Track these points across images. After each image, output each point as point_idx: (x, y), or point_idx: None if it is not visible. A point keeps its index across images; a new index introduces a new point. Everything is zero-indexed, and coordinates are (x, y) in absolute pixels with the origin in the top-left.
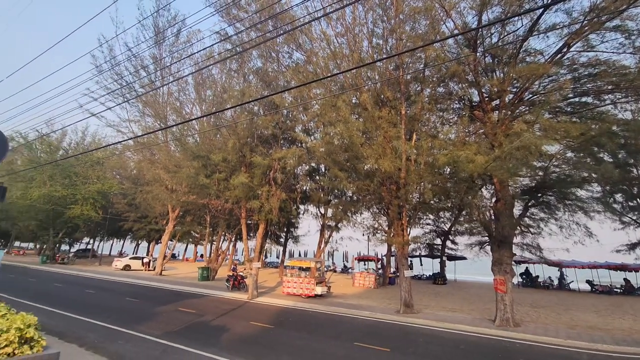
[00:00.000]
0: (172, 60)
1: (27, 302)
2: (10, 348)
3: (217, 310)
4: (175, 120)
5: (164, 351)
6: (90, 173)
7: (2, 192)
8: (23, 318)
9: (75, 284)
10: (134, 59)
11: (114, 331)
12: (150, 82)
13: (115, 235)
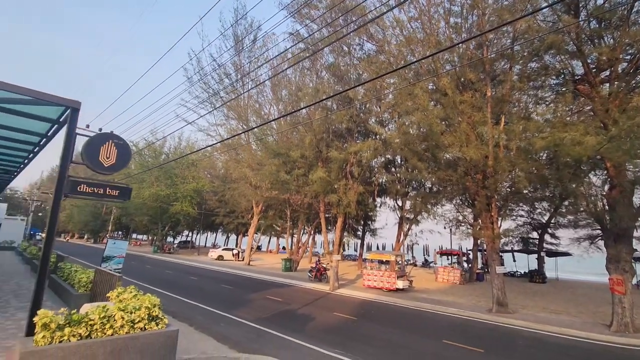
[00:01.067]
0: (251, 64)
1: (146, 285)
2: (142, 323)
3: (301, 299)
4: (255, 120)
5: (259, 335)
6: (187, 174)
7: (129, 192)
8: (149, 299)
9: (181, 271)
10: (218, 67)
11: (215, 314)
12: (233, 87)
13: (209, 229)
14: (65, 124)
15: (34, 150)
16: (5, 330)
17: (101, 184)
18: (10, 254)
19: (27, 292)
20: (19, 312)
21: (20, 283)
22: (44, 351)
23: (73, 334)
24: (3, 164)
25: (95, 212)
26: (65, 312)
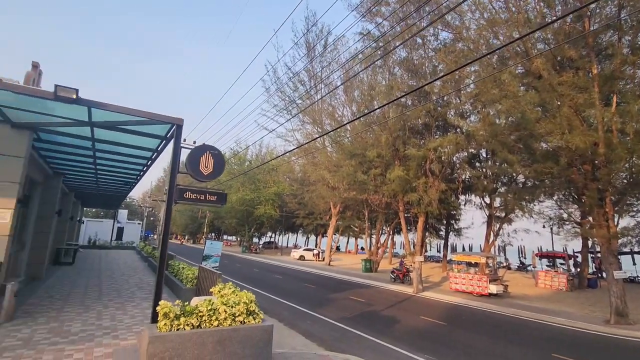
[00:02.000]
0: (323, 69)
1: (238, 282)
2: (241, 317)
3: (384, 301)
4: (330, 123)
5: (343, 335)
6: (268, 178)
7: (225, 197)
8: (246, 295)
9: (267, 270)
10: (293, 75)
11: (301, 311)
12: (307, 93)
13: (290, 230)
14: (171, 139)
15: (147, 164)
16: (134, 317)
17: (202, 190)
18: (132, 253)
19: (147, 285)
20: (143, 302)
21: (142, 277)
22: (166, 336)
23: (187, 323)
24: (124, 176)
25: (192, 216)
26: (180, 304)
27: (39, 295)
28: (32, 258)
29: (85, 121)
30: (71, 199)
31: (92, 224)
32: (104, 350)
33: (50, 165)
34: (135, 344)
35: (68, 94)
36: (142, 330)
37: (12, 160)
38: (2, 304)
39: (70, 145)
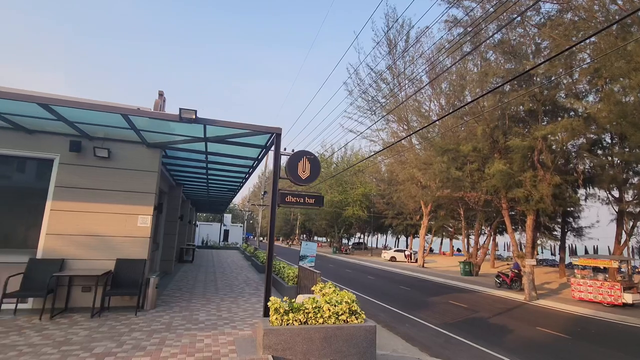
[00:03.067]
0: (406, 64)
1: (334, 283)
2: (344, 316)
3: (490, 307)
4: (417, 120)
5: (447, 341)
6: (355, 180)
7: (322, 200)
8: (347, 295)
9: (358, 271)
10: (375, 75)
11: (397, 314)
12: (390, 90)
13: (379, 231)
14: (271, 147)
15: (249, 172)
16: (246, 310)
17: (301, 194)
18: (236, 252)
19: (252, 282)
20: (252, 297)
21: (248, 275)
22: (278, 330)
23: (295, 319)
24: (230, 184)
25: (285, 218)
26: (287, 300)
27: (171, 288)
28: (164, 256)
29: (201, 137)
30: (188, 205)
31: (204, 226)
32: (226, 338)
33: (174, 177)
34: (251, 335)
35: (189, 114)
36: (257, 322)
37: (149, 175)
38: (148, 294)
39: (188, 159)
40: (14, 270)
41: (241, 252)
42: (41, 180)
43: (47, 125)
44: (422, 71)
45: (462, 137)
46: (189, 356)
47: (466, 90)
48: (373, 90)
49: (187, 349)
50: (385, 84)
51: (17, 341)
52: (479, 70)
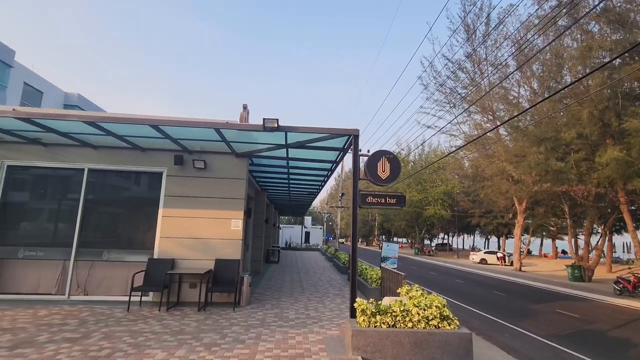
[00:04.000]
0: (487, 49)
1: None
2: (435, 321)
3: (609, 318)
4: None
5: (557, 355)
6: (435, 177)
7: (404, 199)
8: (437, 299)
9: (444, 273)
10: (453, 65)
11: (493, 322)
12: (471, 80)
13: (465, 231)
14: (348, 149)
15: (327, 174)
16: (332, 310)
17: (382, 194)
18: (317, 253)
19: (335, 282)
20: (337, 298)
21: (330, 276)
22: (366, 331)
23: (383, 322)
24: (310, 187)
25: (364, 219)
26: (374, 302)
27: (261, 287)
28: (253, 257)
29: (282, 144)
30: (272, 209)
31: (286, 229)
32: (316, 337)
33: (259, 183)
34: (339, 335)
35: (272, 124)
36: (344, 323)
37: (238, 182)
38: (243, 292)
39: (270, 166)
40: (138, 268)
41: (322, 253)
42: (154, 190)
43: (156, 143)
44: (507, 55)
45: (562, 123)
46: (283, 352)
47: (564, 69)
48: (451, 81)
49: (280, 344)
50: (464, 74)
51: (143, 328)
52: (579, 46)
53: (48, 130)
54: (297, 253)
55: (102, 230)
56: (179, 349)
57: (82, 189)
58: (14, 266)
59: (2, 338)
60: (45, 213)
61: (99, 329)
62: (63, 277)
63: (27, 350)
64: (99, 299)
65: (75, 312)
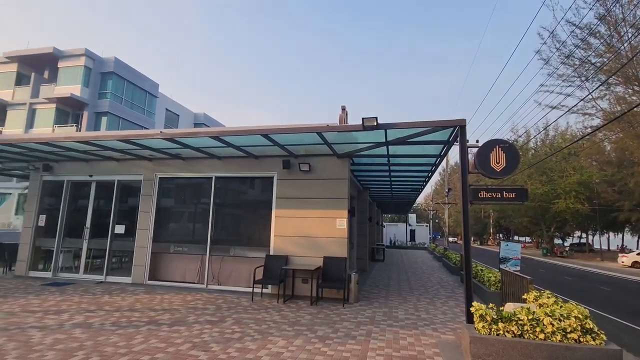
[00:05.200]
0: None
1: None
2: (575, 334)
3: None
4: None
5: None
6: (565, 165)
7: (525, 193)
8: (577, 308)
9: (583, 279)
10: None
11: None
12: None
13: (610, 228)
14: (454, 142)
15: (431, 169)
16: (445, 313)
17: (497, 188)
18: (424, 252)
19: (446, 284)
20: (449, 300)
21: (440, 276)
22: (487, 339)
23: (507, 330)
24: (413, 184)
25: (475, 216)
26: (494, 308)
27: (368, 285)
28: (359, 255)
29: (382, 142)
30: (374, 207)
31: (390, 227)
32: (429, 340)
33: (360, 182)
34: (454, 340)
35: (371, 122)
36: (460, 328)
37: (341, 182)
38: (351, 289)
39: (371, 164)
40: (258, 263)
41: (429, 252)
42: (267, 193)
43: (267, 151)
44: None
45: None
46: (395, 352)
47: None
48: (580, 51)
49: (392, 344)
50: (597, 39)
51: (265, 317)
52: None
53: (185, 146)
54: (402, 252)
55: (227, 229)
56: (297, 339)
57: (211, 194)
58: (167, 259)
59: (164, 317)
60: (186, 215)
61: (230, 314)
62: (202, 269)
63: (181, 328)
64: (228, 289)
65: (212, 299)
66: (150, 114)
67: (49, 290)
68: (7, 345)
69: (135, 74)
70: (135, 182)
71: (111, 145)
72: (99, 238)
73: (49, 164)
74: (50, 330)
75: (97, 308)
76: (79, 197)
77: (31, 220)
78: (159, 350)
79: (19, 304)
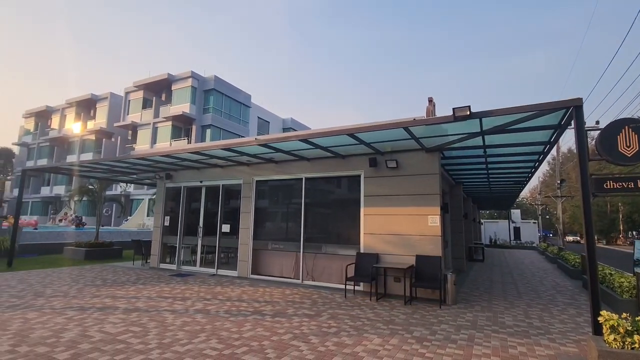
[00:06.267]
0: None
1: None
2: None
3: None
4: None
5: None
6: None
7: None
8: None
9: None
10: None
11: None
12: None
13: None
14: (567, 125)
15: (538, 159)
16: (563, 322)
17: (630, 177)
18: (533, 252)
19: (564, 289)
20: (569, 308)
21: (556, 280)
22: (619, 354)
23: None
24: (515, 176)
25: (598, 210)
26: (629, 318)
27: (467, 286)
28: (454, 254)
29: (476, 132)
30: (469, 203)
31: (488, 224)
32: (545, 351)
33: (452, 177)
34: (577, 353)
35: (463, 112)
36: (586, 340)
37: (431, 177)
38: (448, 290)
39: (464, 157)
40: (349, 261)
41: (540, 252)
42: (354, 192)
43: (352, 150)
44: None
45: None
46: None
47: None
48: None
49: (499, 352)
50: None
51: (359, 314)
52: None
53: (277, 150)
54: (505, 251)
55: (318, 227)
56: (392, 338)
57: (302, 195)
58: (266, 255)
59: (266, 308)
60: (279, 215)
61: (326, 310)
62: (296, 265)
63: (282, 319)
64: (322, 285)
65: (308, 294)
66: (244, 123)
67: (175, 280)
68: (149, 324)
69: (231, 88)
70: (236, 185)
71: (216, 154)
72: (209, 236)
73: (170, 173)
74: (178, 314)
75: (212, 297)
76: (192, 201)
77: (159, 221)
78: (264, 338)
79: (155, 290)
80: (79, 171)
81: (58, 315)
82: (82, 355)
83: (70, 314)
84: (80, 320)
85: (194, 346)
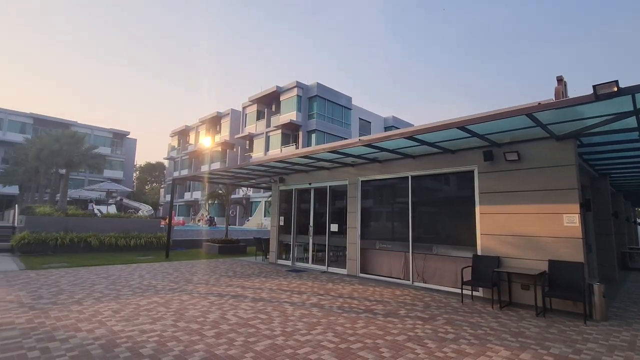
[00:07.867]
0: None
1: None
2: None
3: None
4: None
5: None
6: None
7: None
8: None
9: None
10: None
11: None
12: None
13: None
14: None
15: None
16: None
17: None
18: None
19: None
20: None
21: None
22: None
23: None
24: None
25: None
26: None
27: (620, 299)
28: (600, 260)
29: (627, 111)
30: (620, 199)
31: None
32: None
33: (594, 168)
34: None
35: (608, 88)
36: None
37: (564, 169)
38: (594, 302)
39: (609, 143)
40: (464, 263)
41: None
42: (466, 189)
43: (463, 144)
44: None
45: None
46: None
47: None
48: None
49: None
50: None
51: (480, 322)
52: None
53: (381, 150)
54: None
55: (426, 227)
56: (523, 352)
57: (409, 193)
58: (374, 254)
59: (377, 307)
60: (384, 214)
61: (440, 314)
62: (406, 265)
63: (395, 320)
64: (434, 287)
65: (420, 296)
66: (346, 125)
67: (291, 275)
68: (273, 313)
69: (332, 92)
70: (341, 186)
71: (322, 157)
72: (319, 235)
73: (283, 177)
74: (296, 306)
75: (324, 293)
76: (302, 202)
77: (275, 220)
78: (378, 337)
79: (275, 283)
80: (209, 179)
81: (203, 299)
82: (223, 335)
83: (212, 299)
84: (219, 305)
85: (313, 337)
